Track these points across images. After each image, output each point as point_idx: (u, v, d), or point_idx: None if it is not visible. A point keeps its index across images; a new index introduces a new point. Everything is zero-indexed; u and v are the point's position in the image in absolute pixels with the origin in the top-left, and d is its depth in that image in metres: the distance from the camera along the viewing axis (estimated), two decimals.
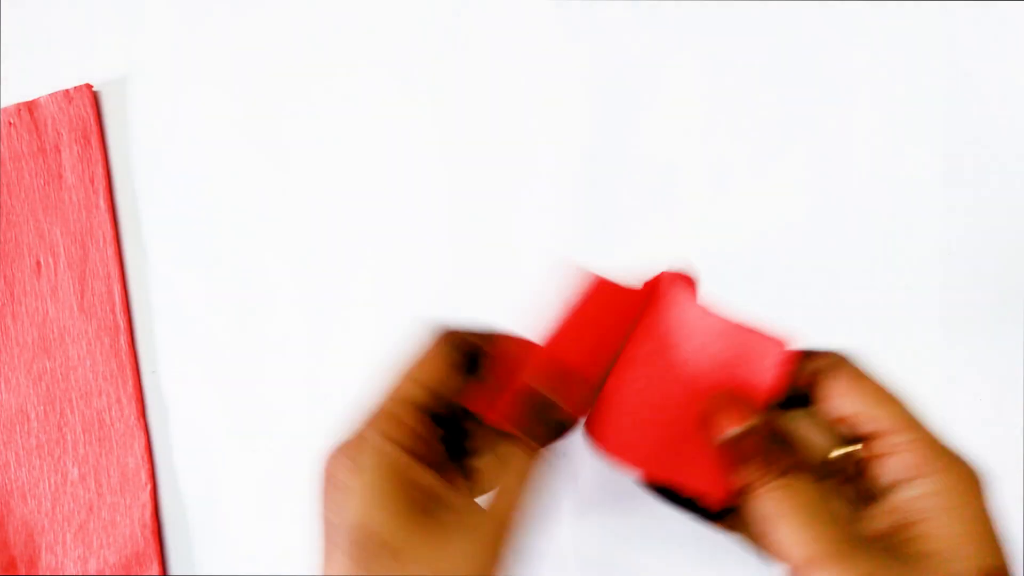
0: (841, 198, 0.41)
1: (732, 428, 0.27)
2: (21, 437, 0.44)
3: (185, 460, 0.43)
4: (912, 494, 0.25)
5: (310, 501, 0.43)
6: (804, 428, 0.28)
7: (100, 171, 0.45)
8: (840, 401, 0.26)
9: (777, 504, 0.25)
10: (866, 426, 0.26)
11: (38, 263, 0.45)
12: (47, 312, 0.44)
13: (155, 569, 0.42)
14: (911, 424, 0.26)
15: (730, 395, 0.28)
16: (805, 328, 0.40)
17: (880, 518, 0.25)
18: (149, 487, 0.43)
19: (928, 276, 0.40)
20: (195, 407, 0.44)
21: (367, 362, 0.43)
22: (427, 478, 0.25)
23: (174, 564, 0.43)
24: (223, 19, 0.46)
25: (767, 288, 0.41)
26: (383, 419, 0.26)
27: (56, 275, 0.45)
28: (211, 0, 0.46)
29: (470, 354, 0.28)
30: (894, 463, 0.25)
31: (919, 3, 0.42)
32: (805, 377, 0.27)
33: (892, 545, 0.25)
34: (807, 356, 0.28)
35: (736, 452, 0.27)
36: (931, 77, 0.41)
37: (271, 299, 0.44)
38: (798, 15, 0.42)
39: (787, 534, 0.24)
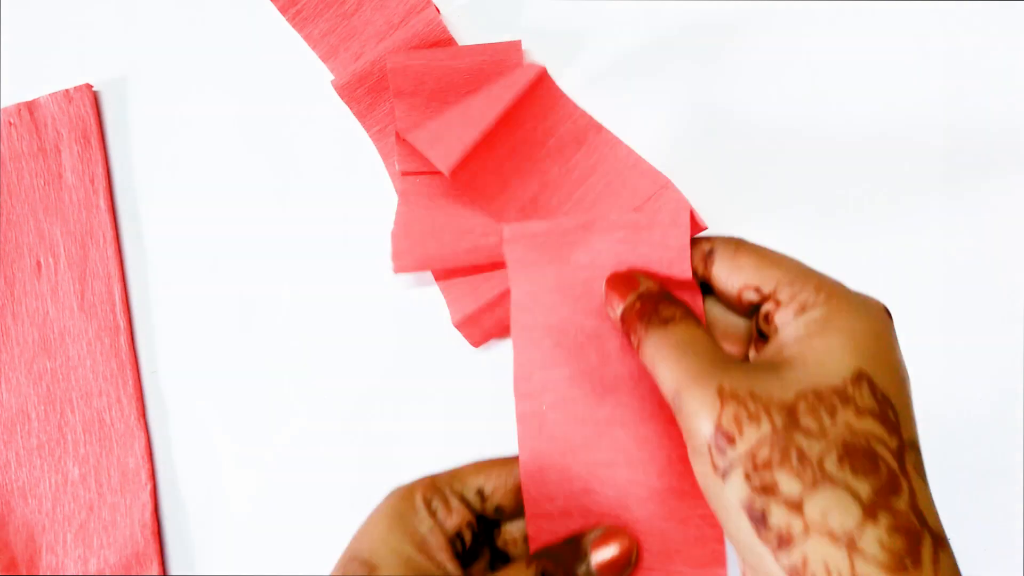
0: (841, 197, 0.41)
1: (626, 296, 0.27)
2: (21, 437, 0.44)
3: (185, 460, 0.43)
4: (794, 326, 0.24)
5: (310, 501, 0.43)
6: (708, 311, 0.28)
7: (100, 171, 0.45)
8: (734, 273, 0.26)
9: (655, 348, 0.25)
10: (762, 288, 0.25)
11: (38, 263, 0.45)
12: (47, 312, 0.45)
13: (155, 569, 0.42)
14: (804, 273, 0.25)
15: (624, 273, 0.28)
16: None
17: (764, 352, 0.25)
18: (149, 487, 0.43)
19: (928, 276, 0.40)
20: (195, 407, 0.44)
21: (367, 362, 0.43)
22: (434, 537, 0.27)
23: (174, 564, 0.43)
24: (223, 19, 0.46)
25: None
26: (429, 481, 0.28)
27: (56, 275, 0.45)
28: (211, 0, 0.46)
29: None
30: (783, 312, 0.25)
31: (919, 3, 0.42)
32: (701, 262, 0.27)
33: (763, 365, 0.24)
34: (698, 243, 0.27)
35: (630, 317, 0.27)
36: (931, 77, 0.41)
37: (271, 299, 0.44)
38: (798, 15, 0.42)
39: (663, 371, 0.24)
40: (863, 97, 0.42)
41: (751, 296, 0.26)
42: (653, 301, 0.26)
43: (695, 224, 0.29)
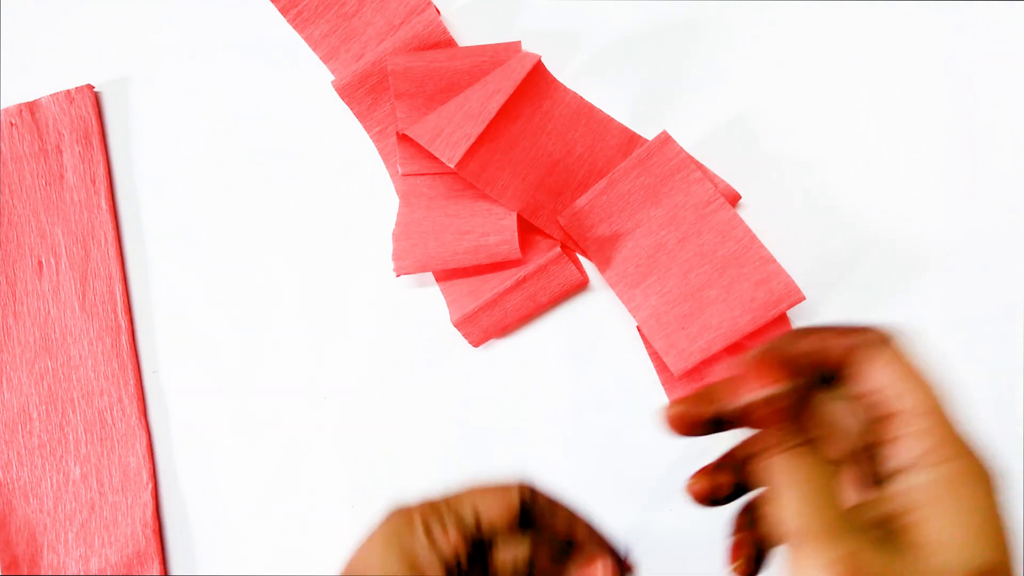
0: (841, 196, 0.41)
1: (760, 391, 0.26)
2: (23, 436, 0.44)
3: (186, 460, 0.44)
4: (914, 482, 0.24)
5: (309, 501, 0.43)
6: (828, 405, 0.28)
7: (101, 171, 0.45)
8: (867, 378, 0.26)
9: (781, 475, 0.25)
10: (887, 405, 0.25)
11: (40, 263, 0.45)
12: (49, 312, 0.45)
13: (156, 568, 0.42)
14: (930, 409, 0.25)
15: (761, 358, 0.27)
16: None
17: (881, 504, 0.25)
18: (150, 486, 0.43)
19: (928, 276, 0.40)
20: (196, 407, 0.44)
21: (367, 362, 0.43)
22: (431, 563, 0.27)
23: (175, 563, 0.43)
24: (224, 20, 0.46)
25: None
26: (428, 506, 0.28)
27: (58, 275, 0.45)
28: (211, 1, 0.46)
29: (531, 509, 0.29)
30: (904, 447, 0.25)
31: (919, 3, 0.42)
32: (839, 352, 0.27)
33: (887, 533, 0.24)
34: (843, 331, 0.27)
35: (757, 415, 0.26)
36: (931, 77, 0.41)
37: (271, 299, 0.44)
38: (799, 14, 0.42)
39: (785, 506, 0.24)
40: (861, 94, 0.42)
41: (870, 408, 0.26)
42: (795, 409, 0.26)
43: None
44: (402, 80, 0.42)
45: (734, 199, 0.41)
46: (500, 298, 0.41)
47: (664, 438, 0.40)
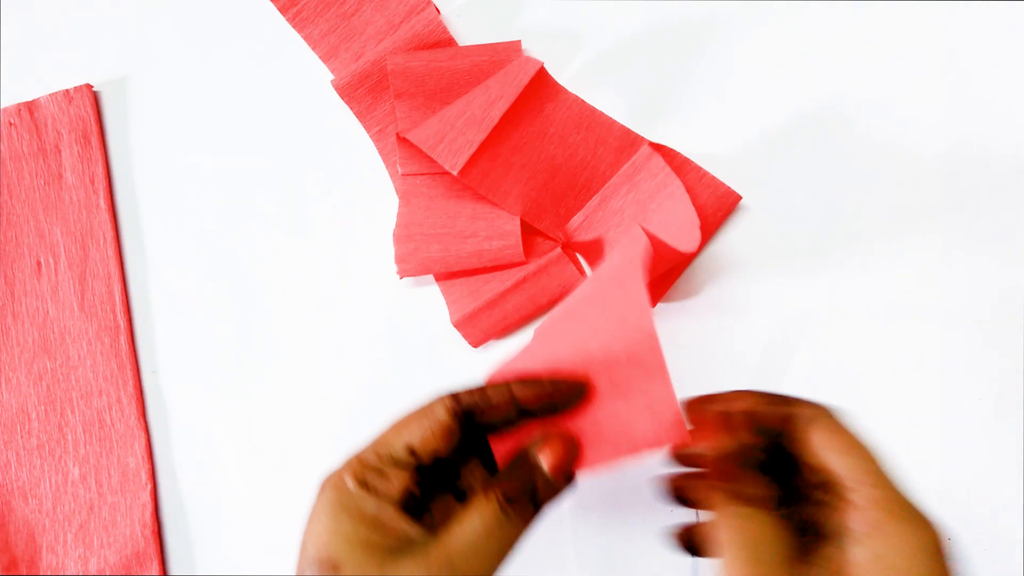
0: (842, 196, 0.41)
1: (711, 447, 0.27)
2: (22, 437, 0.44)
3: (185, 460, 0.43)
4: (860, 553, 0.25)
5: (310, 501, 0.43)
6: (773, 464, 0.28)
7: (100, 171, 0.45)
8: (811, 449, 0.27)
9: (730, 534, 0.25)
10: (827, 475, 0.26)
11: (38, 263, 0.45)
12: (47, 312, 0.45)
13: (155, 569, 0.42)
14: (875, 481, 0.26)
15: (716, 415, 0.28)
16: (805, 328, 0.40)
17: (826, 567, 0.26)
18: (149, 487, 0.43)
19: (928, 276, 0.40)
20: (195, 407, 0.44)
21: (367, 362, 0.43)
22: (383, 511, 0.27)
23: (174, 564, 0.43)
24: (223, 19, 0.46)
25: (768, 286, 0.41)
26: (355, 461, 0.28)
27: (56, 275, 0.45)
28: (211, 1, 0.46)
29: (467, 413, 0.29)
30: (850, 517, 0.25)
31: (919, 3, 0.42)
32: (780, 421, 0.28)
33: None
34: (785, 401, 0.28)
35: (705, 469, 0.27)
36: (931, 77, 0.41)
37: (271, 299, 0.44)
38: (800, 14, 0.42)
39: (731, 565, 0.25)
40: (861, 94, 0.42)
41: (815, 476, 0.27)
42: (741, 468, 0.27)
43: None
44: (402, 79, 0.41)
45: (734, 199, 0.41)
46: (500, 299, 0.41)
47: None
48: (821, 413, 0.27)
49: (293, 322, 0.44)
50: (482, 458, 0.31)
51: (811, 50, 0.42)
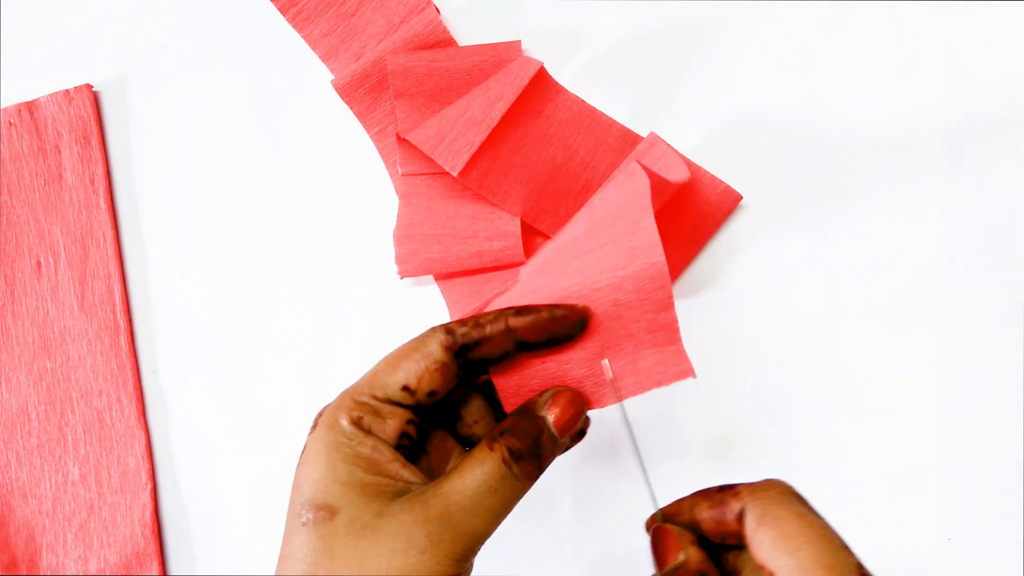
0: (841, 194, 0.41)
1: (669, 562, 0.26)
2: (22, 437, 0.44)
3: (185, 460, 0.43)
4: None
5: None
6: (731, 564, 0.27)
7: (100, 171, 0.45)
8: (756, 549, 0.25)
9: None
10: (782, 571, 0.25)
11: (38, 263, 0.45)
12: (47, 312, 0.45)
13: (155, 569, 0.42)
14: (815, 570, 0.24)
15: (667, 533, 0.27)
16: (805, 329, 0.40)
17: None
18: (149, 487, 0.43)
19: (928, 276, 0.40)
20: (195, 407, 0.44)
21: (367, 362, 0.43)
22: (380, 452, 0.25)
23: (174, 564, 0.43)
24: (223, 20, 0.46)
25: (769, 285, 0.41)
26: (349, 400, 0.27)
27: (56, 275, 0.45)
28: (211, 1, 0.46)
29: (463, 348, 0.27)
30: None
31: (919, 3, 0.42)
32: (733, 518, 0.26)
33: None
34: (733, 494, 0.26)
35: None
36: (931, 77, 0.41)
37: (270, 299, 0.44)
38: (800, 14, 0.42)
39: None
40: (861, 95, 0.42)
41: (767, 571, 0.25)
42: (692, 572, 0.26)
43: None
44: (402, 79, 0.41)
45: (735, 199, 0.41)
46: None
47: (655, 438, 0.41)
48: (768, 500, 0.25)
49: (293, 322, 0.44)
50: (485, 395, 0.29)
51: (811, 50, 0.42)
